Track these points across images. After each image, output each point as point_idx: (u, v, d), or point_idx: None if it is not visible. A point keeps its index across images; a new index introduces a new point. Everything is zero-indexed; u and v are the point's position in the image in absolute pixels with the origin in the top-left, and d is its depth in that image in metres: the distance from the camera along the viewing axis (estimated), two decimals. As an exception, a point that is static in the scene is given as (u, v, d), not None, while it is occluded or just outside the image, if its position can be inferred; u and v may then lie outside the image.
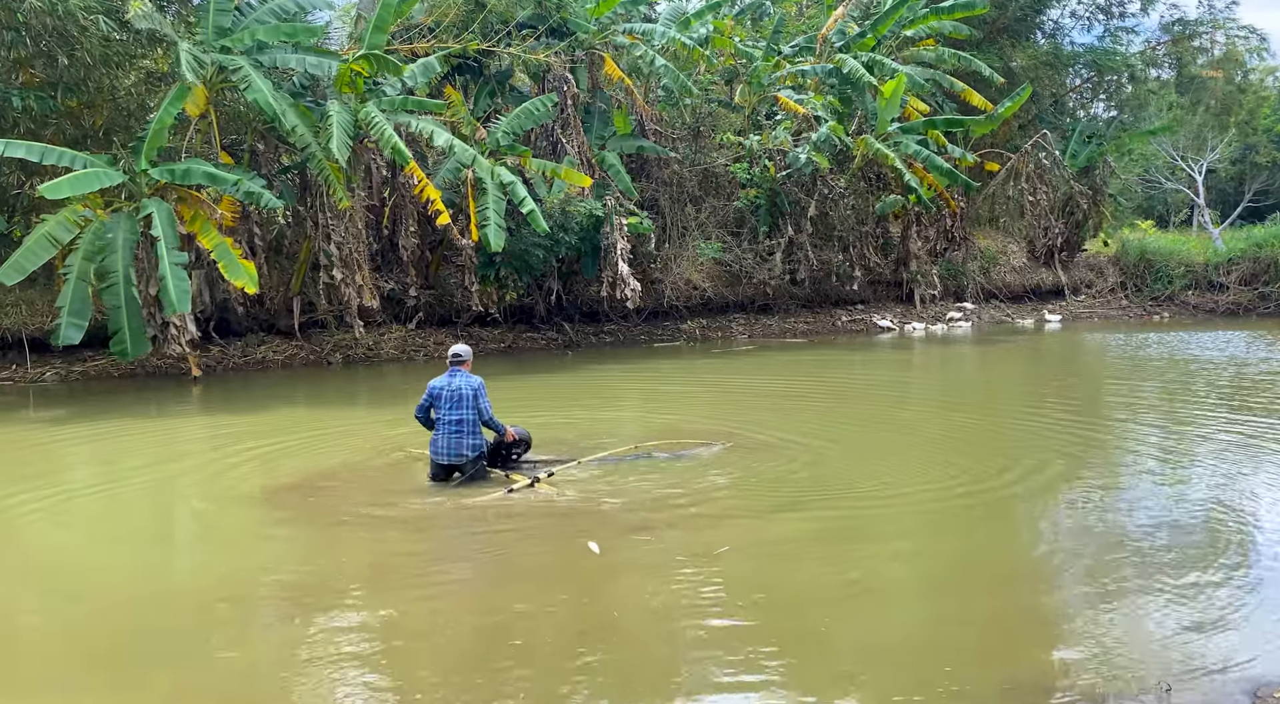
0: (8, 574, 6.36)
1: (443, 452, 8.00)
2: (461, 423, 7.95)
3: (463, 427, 7.96)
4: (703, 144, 23.16)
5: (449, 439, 7.96)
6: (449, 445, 7.97)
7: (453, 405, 7.97)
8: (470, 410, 7.96)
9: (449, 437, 7.96)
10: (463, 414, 7.95)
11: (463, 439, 7.97)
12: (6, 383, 14.84)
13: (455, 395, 7.99)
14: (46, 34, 14.86)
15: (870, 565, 6.34)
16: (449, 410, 7.96)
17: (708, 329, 21.84)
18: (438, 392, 8.08)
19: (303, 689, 4.56)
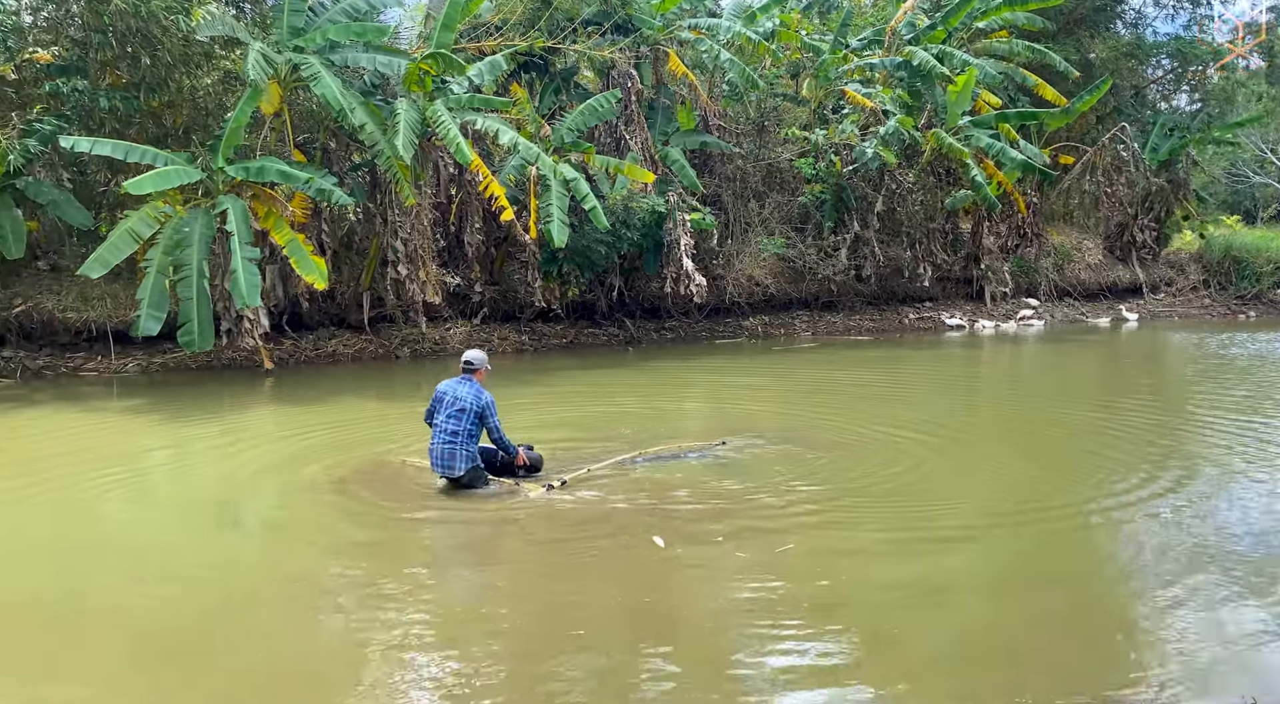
0: (87, 557, 6.60)
1: (436, 461, 7.68)
2: (456, 435, 7.57)
3: (456, 439, 7.58)
4: (767, 139, 22.95)
5: (442, 448, 7.61)
6: (441, 455, 7.62)
7: (451, 414, 7.60)
8: (470, 424, 7.58)
9: (442, 446, 7.61)
10: (459, 426, 7.57)
11: (455, 450, 7.59)
12: (91, 373, 15.45)
13: (455, 404, 7.61)
14: (130, 35, 15.41)
15: (941, 566, 6.20)
16: (445, 419, 7.61)
17: (770, 326, 21.65)
18: (440, 395, 7.76)
19: (369, 675, 4.63)
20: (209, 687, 4.58)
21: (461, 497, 7.71)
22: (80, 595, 5.82)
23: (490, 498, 7.64)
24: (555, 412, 12.14)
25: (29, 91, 15.88)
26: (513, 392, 13.74)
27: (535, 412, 12.15)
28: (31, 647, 5.09)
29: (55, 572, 6.28)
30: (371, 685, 4.53)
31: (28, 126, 15.17)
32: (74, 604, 5.67)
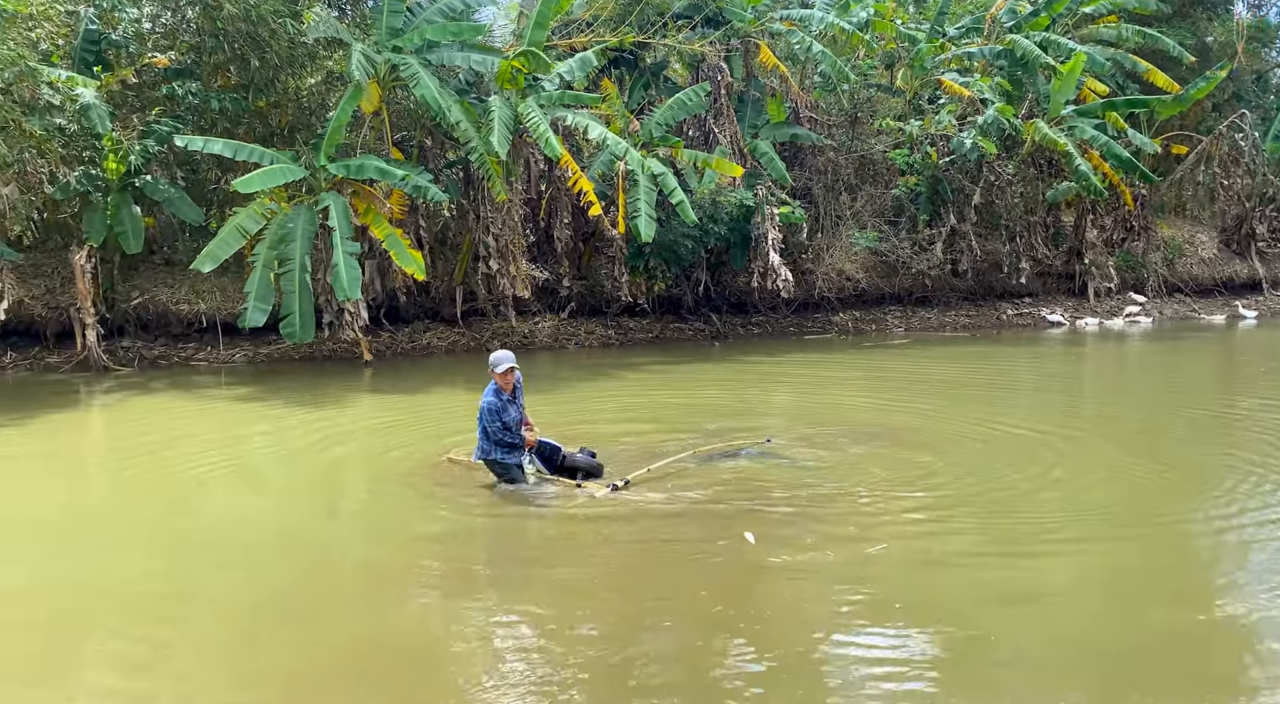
0: (194, 537, 6.96)
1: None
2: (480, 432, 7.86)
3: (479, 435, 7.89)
4: (860, 130, 22.55)
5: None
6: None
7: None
8: (479, 427, 7.83)
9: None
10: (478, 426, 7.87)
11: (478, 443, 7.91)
12: (202, 362, 16.27)
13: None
14: (241, 39, 16.14)
15: (1038, 572, 6.01)
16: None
17: (861, 321, 21.29)
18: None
19: (457, 663, 4.78)
20: (299, 662, 4.80)
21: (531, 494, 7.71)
22: (187, 574, 6.16)
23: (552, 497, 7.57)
24: (639, 405, 12.23)
25: (148, 94, 16.79)
26: (598, 385, 13.91)
27: (619, 405, 12.27)
28: (144, 620, 5.42)
29: (166, 551, 6.65)
30: (460, 673, 4.67)
31: (147, 128, 16.05)
32: (180, 582, 6.01)
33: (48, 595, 5.80)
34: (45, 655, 4.96)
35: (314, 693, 4.54)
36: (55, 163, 15.54)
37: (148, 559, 6.49)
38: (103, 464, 9.83)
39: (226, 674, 4.76)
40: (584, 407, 12.08)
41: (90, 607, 5.63)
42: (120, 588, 5.93)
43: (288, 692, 4.55)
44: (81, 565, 6.33)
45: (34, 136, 14.71)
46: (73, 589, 5.89)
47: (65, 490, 8.57)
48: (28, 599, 5.74)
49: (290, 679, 4.65)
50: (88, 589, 5.89)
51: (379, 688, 4.55)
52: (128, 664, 4.86)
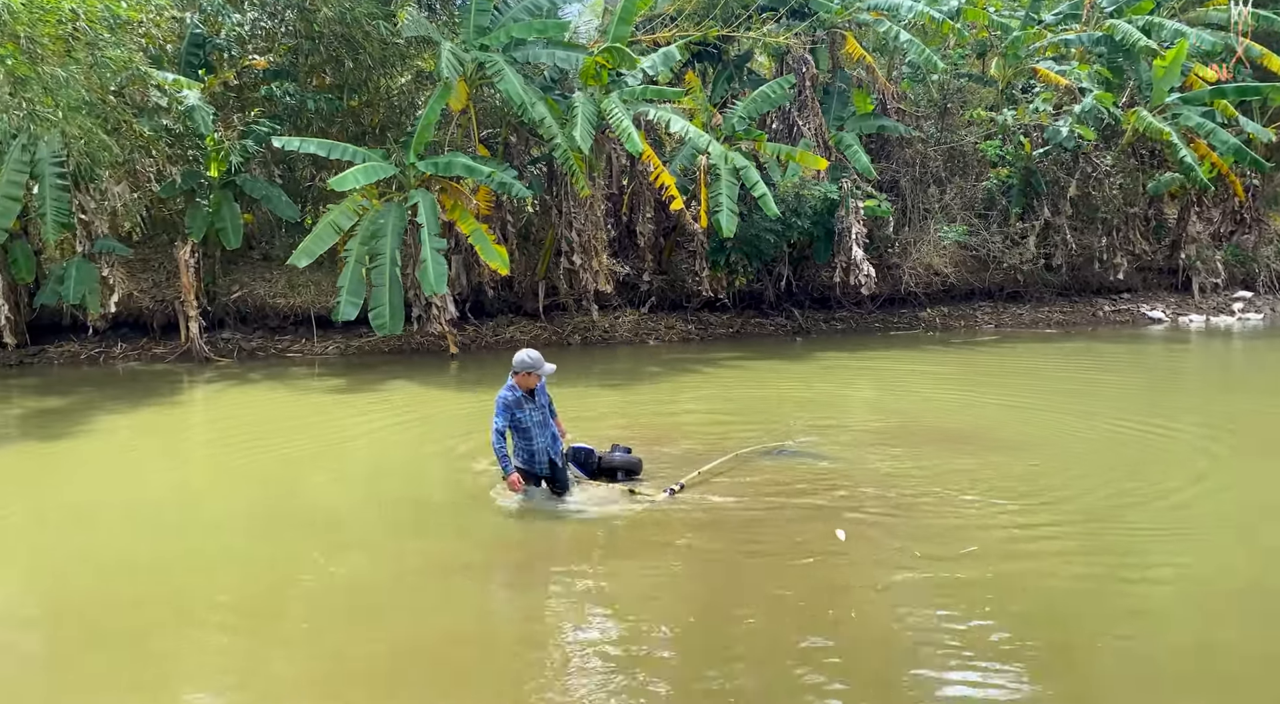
0: (288, 524, 7.24)
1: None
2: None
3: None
4: (950, 121, 21.96)
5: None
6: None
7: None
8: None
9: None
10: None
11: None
12: (297, 354, 16.88)
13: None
14: (335, 41, 16.67)
15: (1138, 581, 5.80)
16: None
17: (949, 317, 20.78)
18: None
19: (526, 662, 4.87)
20: (373, 654, 4.95)
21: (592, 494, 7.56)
22: (284, 559, 6.41)
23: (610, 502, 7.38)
24: (718, 401, 12.20)
25: (248, 95, 17.48)
26: (677, 380, 13.91)
27: (698, 400, 12.26)
28: (244, 603, 5.67)
29: (263, 536, 6.94)
30: (529, 673, 4.76)
31: (246, 128, 16.71)
32: (276, 566, 6.26)
33: (161, 571, 6.11)
34: (156, 629, 5.24)
35: (386, 687, 4.68)
36: (162, 162, 16.33)
37: (247, 544, 6.79)
38: (204, 451, 10.30)
39: (306, 661, 4.94)
40: (663, 401, 12.12)
41: (191, 584, 5.92)
42: (216, 568, 6.22)
43: (361, 685, 4.70)
44: (184, 545, 6.66)
45: (143, 137, 15.48)
46: (179, 565, 6.20)
47: (170, 476, 9.01)
48: (144, 574, 6.07)
49: (364, 673, 4.80)
50: (190, 567, 6.20)
51: (445, 683, 4.66)
52: (223, 648, 5.10)
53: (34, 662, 4.98)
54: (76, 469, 9.22)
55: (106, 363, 16.35)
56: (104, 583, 5.98)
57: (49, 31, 13.19)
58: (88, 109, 14.17)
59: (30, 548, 6.81)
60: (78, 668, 4.85)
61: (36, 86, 13.38)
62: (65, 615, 5.53)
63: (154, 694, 4.54)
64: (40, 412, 12.12)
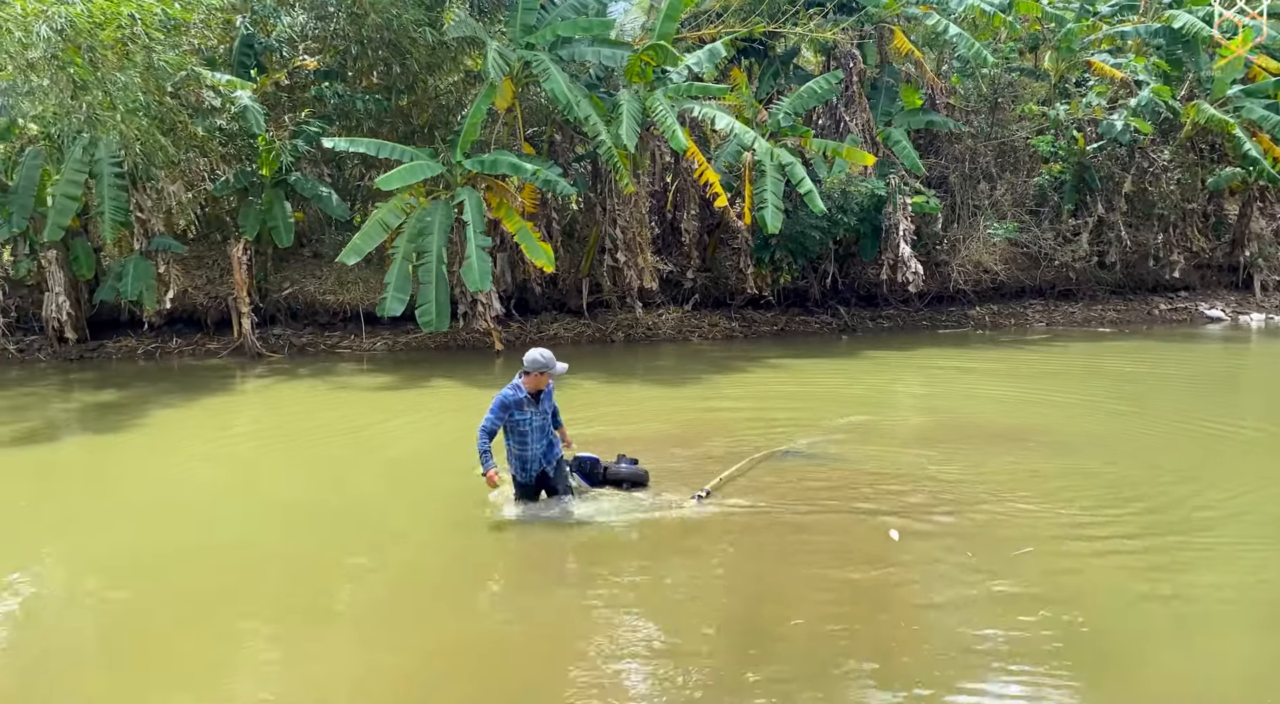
0: (335, 517, 7.35)
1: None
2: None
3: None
4: (1000, 116, 21.57)
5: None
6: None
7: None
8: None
9: None
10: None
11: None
12: (345, 350, 17.14)
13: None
14: (384, 46, 16.89)
15: (1199, 589, 5.62)
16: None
17: (998, 315, 20.42)
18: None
19: (575, 662, 4.89)
20: (431, 643, 5.01)
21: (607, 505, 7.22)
22: (328, 553, 6.51)
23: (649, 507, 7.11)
24: (762, 398, 12.12)
25: (298, 96, 17.77)
26: (720, 377, 13.85)
27: (741, 397, 12.20)
28: (293, 592, 5.77)
29: (308, 529, 7.05)
30: (576, 667, 4.78)
31: (297, 128, 16.99)
32: (321, 559, 6.36)
33: (208, 562, 6.25)
34: (208, 609, 5.36)
35: (430, 684, 4.72)
36: (215, 161, 16.70)
37: (293, 535, 6.90)
38: (253, 446, 10.49)
39: (350, 652, 5.02)
40: (705, 399, 12.08)
41: (237, 575, 6.04)
42: (261, 561, 6.34)
43: (404, 681, 4.75)
44: (231, 537, 6.79)
45: (197, 137, 15.83)
46: (225, 557, 6.33)
47: (220, 468, 9.20)
48: (192, 564, 6.21)
49: (407, 669, 4.86)
50: (236, 559, 6.33)
51: (491, 684, 4.70)
52: (271, 633, 5.20)
53: (83, 649, 5.12)
54: (131, 462, 9.46)
55: (162, 358, 16.76)
56: (154, 573, 6.12)
57: (108, 36, 13.53)
58: (144, 110, 14.54)
59: (86, 537, 7.00)
60: (125, 655, 4.98)
61: (97, 90, 13.74)
62: (116, 604, 5.67)
63: (202, 683, 4.64)
64: (98, 405, 12.46)
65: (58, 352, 16.59)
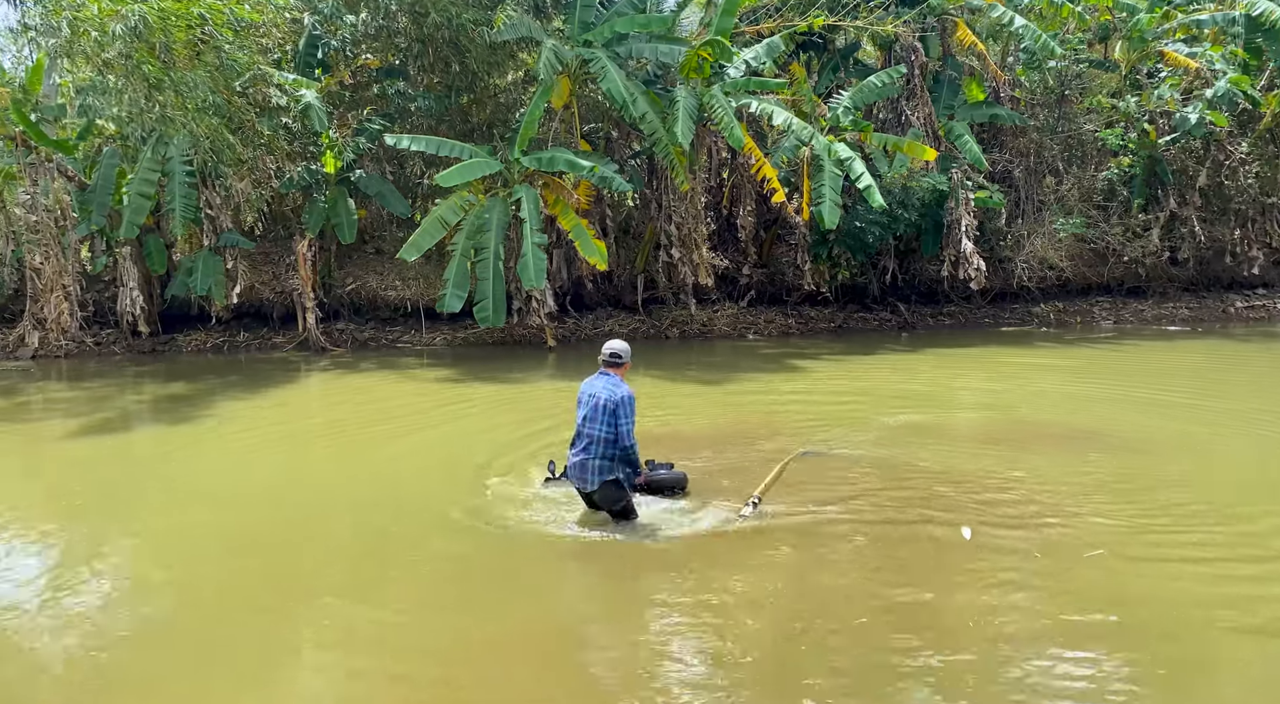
0: (396, 506, 7.47)
1: (574, 477, 6.62)
2: (592, 442, 6.47)
3: (591, 447, 6.47)
4: (1067, 109, 21.04)
5: (575, 457, 6.56)
6: (574, 467, 6.57)
7: (587, 415, 6.53)
8: (604, 427, 6.44)
9: (576, 454, 6.56)
10: (594, 431, 6.46)
11: (587, 461, 6.47)
12: (405, 344, 17.43)
13: (592, 403, 6.51)
14: (444, 44, 17.11)
15: (1273, 599, 5.40)
16: (583, 421, 6.54)
17: (1064, 313, 19.93)
18: (580, 395, 6.68)
19: (638, 658, 4.89)
20: (475, 645, 5.07)
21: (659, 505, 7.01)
22: (390, 540, 6.62)
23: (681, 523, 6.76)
24: (817, 395, 12.01)
25: (361, 94, 18.10)
26: (776, 375, 13.76)
27: (796, 394, 12.09)
28: (357, 574, 5.89)
29: (370, 517, 7.18)
30: (640, 666, 4.79)
31: (360, 126, 17.32)
32: (383, 546, 6.47)
33: (271, 547, 6.41)
34: (273, 585, 5.51)
35: (495, 673, 4.77)
36: (281, 159, 17.10)
37: (357, 521, 7.04)
38: (316, 436, 10.73)
39: (415, 641, 5.10)
40: (759, 396, 12.01)
41: (299, 560, 6.19)
42: (324, 547, 6.47)
43: (470, 668, 4.81)
44: (293, 523, 6.96)
45: (264, 135, 16.22)
46: (287, 542, 6.49)
47: (283, 459, 9.43)
48: (255, 550, 6.38)
49: (471, 659, 4.92)
50: (299, 545, 6.48)
51: (550, 674, 4.73)
52: (332, 615, 5.30)
53: (156, 631, 5.28)
54: (199, 451, 9.74)
55: (230, 351, 17.23)
56: (218, 558, 6.30)
57: (180, 36, 13.92)
58: (214, 110, 14.95)
59: (157, 523, 7.23)
60: (192, 636, 5.13)
61: (169, 90, 14.16)
62: (185, 587, 5.84)
63: (266, 664, 4.76)
64: (169, 397, 12.86)
65: (131, 345, 17.16)
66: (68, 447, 10.03)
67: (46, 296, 16.21)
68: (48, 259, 16.09)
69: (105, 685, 4.60)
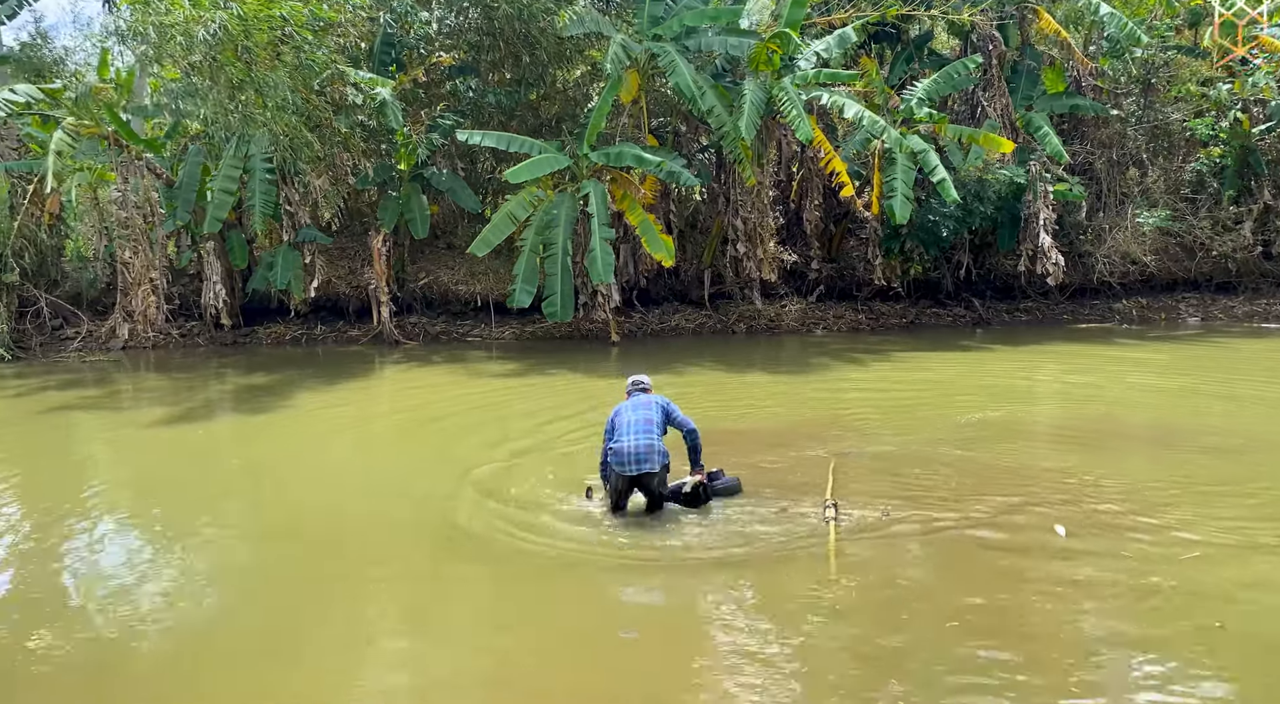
0: (461, 495, 7.59)
1: (629, 459, 6.63)
2: (650, 423, 6.74)
3: (652, 428, 6.72)
4: (1153, 98, 20.26)
5: (636, 444, 6.64)
6: (636, 451, 6.62)
7: (638, 411, 6.83)
8: (659, 412, 6.83)
9: (636, 441, 6.65)
10: (650, 414, 6.79)
11: (654, 442, 6.66)
12: (476, 338, 17.70)
13: (638, 409, 6.86)
14: (515, 38, 17.28)
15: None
16: (635, 419, 6.78)
17: (1147, 309, 19.23)
18: (616, 410, 7.00)
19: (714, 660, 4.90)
20: (553, 636, 5.13)
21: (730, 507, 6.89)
22: (453, 527, 6.74)
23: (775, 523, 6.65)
24: (888, 392, 11.82)
25: (434, 91, 18.40)
26: (844, 371, 13.56)
27: (866, 391, 11.92)
28: (418, 553, 6.02)
29: (438, 505, 7.31)
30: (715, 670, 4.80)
31: (433, 122, 17.61)
32: (450, 533, 6.59)
33: (341, 528, 6.59)
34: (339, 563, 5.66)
35: (559, 672, 4.83)
36: (357, 156, 17.50)
37: (421, 507, 7.18)
38: (389, 426, 10.99)
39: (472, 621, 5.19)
40: (827, 393, 11.87)
41: (367, 540, 6.34)
42: (391, 528, 6.62)
43: (529, 663, 4.87)
44: (364, 506, 7.13)
45: (341, 133, 16.62)
46: (357, 524, 6.66)
47: (355, 447, 9.68)
48: (326, 531, 6.56)
49: (531, 651, 4.98)
50: (368, 525, 6.64)
51: (608, 680, 4.77)
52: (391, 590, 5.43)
53: (238, 604, 5.48)
54: (276, 438, 10.06)
55: (307, 343, 17.73)
56: (292, 539, 6.49)
57: (260, 38, 14.33)
58: (293, 108, 15.37)
59: (239, 505, 7.49)
60: (261, 611, 5.30)
61: (250, 90, 14.60)
62: (259, 570, 6.04)
63: (347, 633, 4.90)
64: (249, 387, 13.30)
65: (214, 337, 17.78)
66: (156, 433, 10.45)
67: (135, 290, 16.88)
68: (136, 254, 16.76)
69: (196, 657, 4.79)
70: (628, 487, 6.75)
